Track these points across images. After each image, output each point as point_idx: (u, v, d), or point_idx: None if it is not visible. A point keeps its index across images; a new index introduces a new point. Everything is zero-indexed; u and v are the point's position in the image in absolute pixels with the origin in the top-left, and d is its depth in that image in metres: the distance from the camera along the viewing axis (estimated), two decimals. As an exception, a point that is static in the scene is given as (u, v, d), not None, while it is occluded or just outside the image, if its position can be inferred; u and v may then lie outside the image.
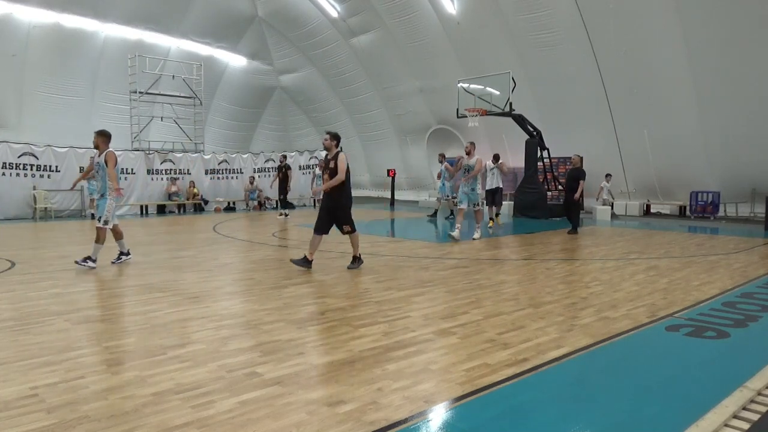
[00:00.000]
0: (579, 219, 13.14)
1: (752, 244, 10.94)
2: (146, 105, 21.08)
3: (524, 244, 11.09)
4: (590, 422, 3.02)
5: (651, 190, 18.94)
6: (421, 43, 22.52)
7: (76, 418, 2.95)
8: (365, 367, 3.78)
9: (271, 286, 6.61)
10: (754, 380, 3.53)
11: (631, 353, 4.32)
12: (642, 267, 8.16)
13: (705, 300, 5.98)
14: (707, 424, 2.90)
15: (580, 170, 12.97)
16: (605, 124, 18.49)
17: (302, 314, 5.25)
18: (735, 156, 16.29)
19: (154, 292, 6.20)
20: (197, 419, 2.96)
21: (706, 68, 15.70)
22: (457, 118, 18.73)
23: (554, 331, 4.70)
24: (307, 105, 30.27)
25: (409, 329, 4.73)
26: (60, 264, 8.17)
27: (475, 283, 6.81)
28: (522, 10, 18.43)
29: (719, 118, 16.07)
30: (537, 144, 17.45)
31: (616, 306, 5.68)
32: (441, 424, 3.01)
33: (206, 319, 5.02)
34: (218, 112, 28.09)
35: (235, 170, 21.84)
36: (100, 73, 22.59)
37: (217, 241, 11.35)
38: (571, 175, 13.05)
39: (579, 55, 17.94)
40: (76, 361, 3.87)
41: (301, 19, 25.47)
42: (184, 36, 24.69)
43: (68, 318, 5.03)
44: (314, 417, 3.00)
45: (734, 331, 4.77)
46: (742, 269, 7.98)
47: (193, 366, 3.78)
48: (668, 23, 15.75)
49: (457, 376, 3.63)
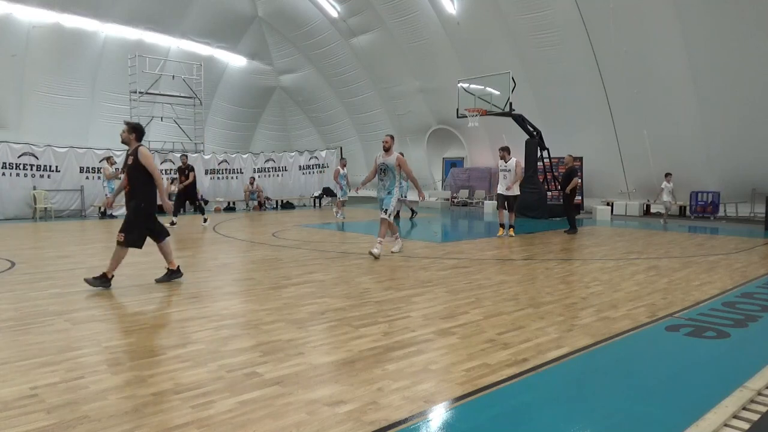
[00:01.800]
0: (575, 219, 13.19)
1: (752, 244, 10.93)
2: (146, 105, 21.10)
3: (524, 244, 11.09)
4: (590, 422, 3.02)
5: (651, 190, 18.92)
6: (421, 43, 22.54)
7: (76, 418, 2.95)
8: (365, 367, 3.78)
9: (271, 286, 6.61)
10: (754, 380, 3.53)
11: (631, 353, 4.32)
12: (642, 267, 8.15)
13: (705, 300, 5.98)
14: (707, 424, 2.90)
15: (572, 169, 13.17)
16: (605, 124, 18.50)
17: (302, 314, 5.24)
18: (735, 156, 16.29)
19: (154, 292, 6.20)
20: (197, 419, 2.96)
21: (706, 68, 15.70)
22: (457, 118, 18.75)
23: (554, 331, 4.70)
24: (307, 105, 30.28)
25: (409, 329, 4.73)
26: (60, 264, 8.17)
27: (475, 283, 6.81)
28: (522, 10, 18.44)
29: (719, 118, 16.08)
30: (537, 144, 17.45)
31: (616, 306, 5.67)
32: (441, 424, 3.01)
33: (206, 319, 5.02)
34: (218, 112, 28.11)
35: (235, 170, 21.84)
36: (100, 73, 22.59)
37: (216, 241, 11.34)
38: (565, 175, 13.22)
39: (579, 55, 17.95)
40: (76, 361, 3.87)
41: (301, 19, 25.48)
42: (184, 36, 24.71)
43: (68, 318, 5.03)
44: (314, 417, 3.00)
45: (734, 331, 4.77)
46: (742, 269, 7.98)
47: (193, 366, 3.78)
48: (668, 23, 15.75)
49: (456, 376, 3.63)
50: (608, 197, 19.54)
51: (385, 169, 9.07)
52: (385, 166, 9.06)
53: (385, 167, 9.06)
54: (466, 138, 24.61)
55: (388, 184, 9.07)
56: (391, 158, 9.03)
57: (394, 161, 9.01)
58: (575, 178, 12.99)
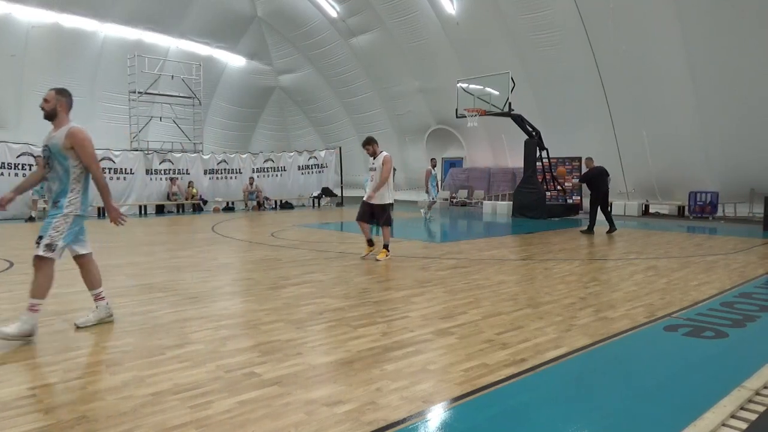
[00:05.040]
0: (595, 219, 13.05)
1: (750, 244, 10.94)
2: (145, 105, 21.11)
3: (523, 244, 11.09)
4: (588, 422, 3.02)
5: (650, 191, 18.95)
6: (420, 43, 22.54)
7: (74, 419, 2.95)
8: (364, 368, 3.78)
9: (270, 286, 6.61)
10: (752, 380, 3.53)
11: (630, 353, 4.33)
12: (641, 267, 8.16)
13: (703, 300, 5.99)
14: (705, 424, 2.90)
15: (599, 170, 13.13)
16: (604, 124, 18.50)
17: (301, 314, 5.24)
18: (733, 156, 16.30)
19: (153, 292, 6.20)
20: (195, 419, 2.96)
21: (704, 68, 15.71)
22: (457, 118, 18.75)
23: (553, 331, 4.71)
24: (306, 105, 30.28)
25: (408, 329, 4.73)
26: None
27: (473, 284, 6.81)
28: (521, 10, 18.45)
29: (718, 118, 16.09)
30: (536, 144, 17.46)
31: (614, 306, 5.68)
32: (439, 424, 3.01)
33: (205, 320, 5.02)
34: (217, 112, 28.10)
35: (234, 170, 21.85)
36: (99, 73, 22.59)
37: (216, 241, 11.34)
38: (586, 177, 13.23)
39: (578, 55, 17.96)
40: (74, 362, 3.87)
41: (301, 19, 25.49)
42: (183, 36, 24.71)
43: (67, 318, 5.03)
44: (313, 417, 3.00)
45: (732, 331, 4.78)
46: (740, 269, 7.98)
47: (191, 366, 3.78)
48: (667, 22, 15.76)
49: (455, 377, 3.63)
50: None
51: None
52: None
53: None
54: (465, 138, 24.61)
55: None
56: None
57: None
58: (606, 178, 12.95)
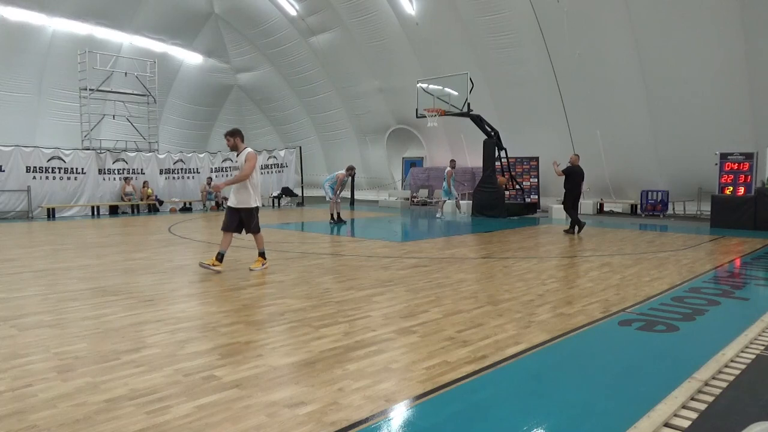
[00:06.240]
0: (576, 217, 12.94)
1: (699, 241, 11.38)
2: (97, 102, 20.42)
3: (482, 243, 11.24)
4: (547, 416, 3.08)
5: (604, 190, 19.48)
6: (380, 43, 22.57)
7: (24, 428, 2.83)
8: (326, 368, 3.76)
9: (229, 287, 6.50)
10: (701, 371, 3.67)
11: (586, 348, 4.44)
12: (596, 264, 8.38)
13: (655, 295, 6.19)
14: (658, 415, 3.00)
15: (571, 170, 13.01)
16: (560, 125, 18.93)
17: (261, 316, 5.17)
18: (683, 156, 16.92)
19: (106, 296, 6.01)
20: (153, 425, 2.88)
21: (655, 71, 16.27)
22: (417, 118, 18.84)
23: (512, 328, 4.78)
24: (265, 104, 29.92)
25: (370, 329, 4.73)
26: (5, 267, 7.82)
27: (434, 282, 6.86)
28: (479, 12, 18.68)
29: (667, 119, 16.71)
30: (495, 144, 17.71)
31: (571, 302, 5.81)
32: (402, 422, 3.01)
33: (161, 323, 4.90)
34: (173, 111, 27.47)
35: (192, 170, 21.39)
36: (48, 69, 21.77)
37: (172, 243, 11.08)
38: None
39: (535, 58, 18.33)
40: (23, 369, 3.71)
41: (259, 16, 25.15)
42: (137, 32, 24.06)
43: (14, 324, 4.82)
44: (274, 419, 2.96)
45: (683, 325, 4.96)
46: (689, 265, 8.29)
47: (148, 371, 3.67)
48: (620, 26, 16.24)
49: (417, 375, 3.65)
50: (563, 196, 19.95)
51: None
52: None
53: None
54: (425, 138, 24.77)
55: None
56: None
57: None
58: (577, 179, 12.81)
